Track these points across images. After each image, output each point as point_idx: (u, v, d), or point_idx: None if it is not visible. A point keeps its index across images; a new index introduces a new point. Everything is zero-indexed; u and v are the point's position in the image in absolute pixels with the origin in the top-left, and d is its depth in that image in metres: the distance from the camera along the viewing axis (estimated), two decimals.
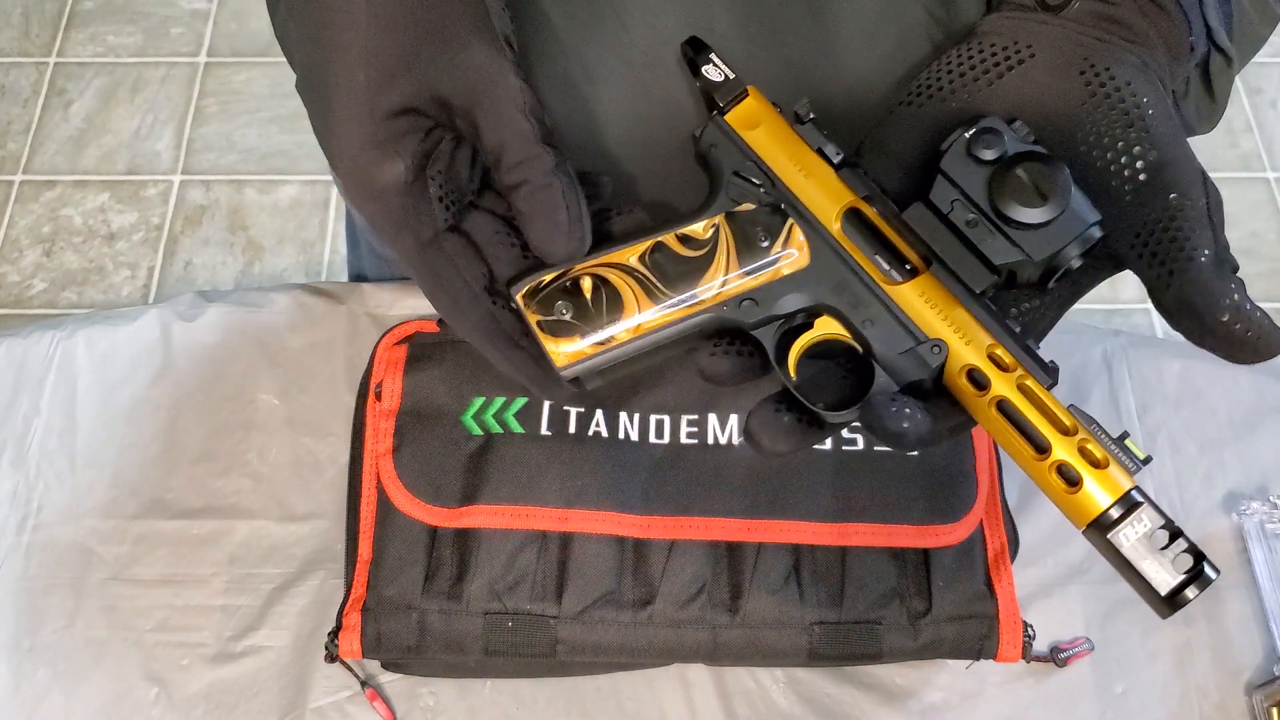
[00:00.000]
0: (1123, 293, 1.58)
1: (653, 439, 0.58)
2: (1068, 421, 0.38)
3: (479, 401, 0.59)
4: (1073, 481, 0.37)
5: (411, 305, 0.68)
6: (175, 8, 1.83)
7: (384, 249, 0.79)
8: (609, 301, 0.42)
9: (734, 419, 0.59)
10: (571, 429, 0.58)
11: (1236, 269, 0.38)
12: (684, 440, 0.58)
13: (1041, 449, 0.38)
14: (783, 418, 0.41)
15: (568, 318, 0.42)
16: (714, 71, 0.46)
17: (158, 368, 0.67)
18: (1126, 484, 0.37)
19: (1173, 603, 0.36)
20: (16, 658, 0.59)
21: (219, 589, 0.61)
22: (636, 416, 0.59)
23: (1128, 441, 0.38)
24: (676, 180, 0.49)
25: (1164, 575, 0.36)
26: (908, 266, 0.42)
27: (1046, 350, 0.41)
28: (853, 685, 0.60)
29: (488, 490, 0.56)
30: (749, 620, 0.56)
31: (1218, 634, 0.62)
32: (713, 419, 0.59)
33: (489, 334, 0.42)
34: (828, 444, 0.59)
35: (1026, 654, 0.58)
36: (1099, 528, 0.37)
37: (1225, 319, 0.37)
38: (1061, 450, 0.38)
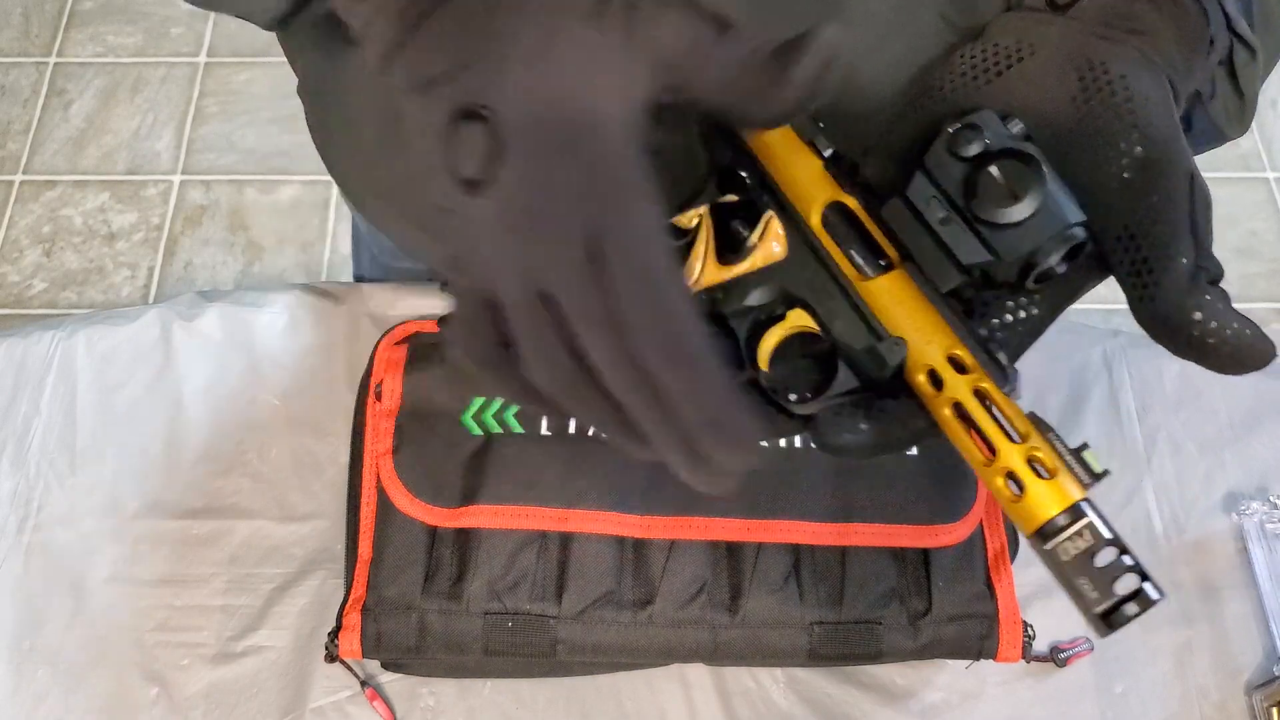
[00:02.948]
0: (1122, 293, 1.58)
1: None
2: (1021, 428, 0.37)
3: (479, 402, 0.59)
4: (1020, 488, 0.36)
5: (411, 305, 0.68)
6: (175, 8, 1.83)
7: (384, 256, 0.79)
8: None
9: None
10: (571, 429, 0.58)
11: (1218, 278, 0.37)
12: None
13: (991, 454, 0.37)
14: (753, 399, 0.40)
15: None
16: None
17: (158, 368, 0.67)
18: (1076, 495, 0.36)
19: (1109, 621, 0.35)
20: (16, 658, 0.59)
21: (219, 589, 0.61)
22: None
23: (1085, 454, 0.37)
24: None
25: (1102, 592, 0.35)
26: (882, 262, 0.41)
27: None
28: (853, 685, 0.60)
29: (488, 490, 0.56)
30: (749, 620, 0.56)
31: (1218, 634, 0.62)
32: None
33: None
34: None
35: (1026, 654, 0.58)
36: (1041, 537, 0.36)
37: (1196, 334, 0.36)
38: (1009, 457, 0.37)
